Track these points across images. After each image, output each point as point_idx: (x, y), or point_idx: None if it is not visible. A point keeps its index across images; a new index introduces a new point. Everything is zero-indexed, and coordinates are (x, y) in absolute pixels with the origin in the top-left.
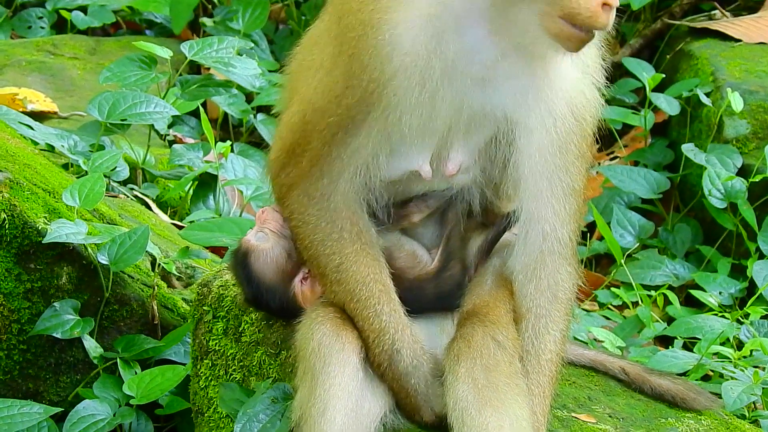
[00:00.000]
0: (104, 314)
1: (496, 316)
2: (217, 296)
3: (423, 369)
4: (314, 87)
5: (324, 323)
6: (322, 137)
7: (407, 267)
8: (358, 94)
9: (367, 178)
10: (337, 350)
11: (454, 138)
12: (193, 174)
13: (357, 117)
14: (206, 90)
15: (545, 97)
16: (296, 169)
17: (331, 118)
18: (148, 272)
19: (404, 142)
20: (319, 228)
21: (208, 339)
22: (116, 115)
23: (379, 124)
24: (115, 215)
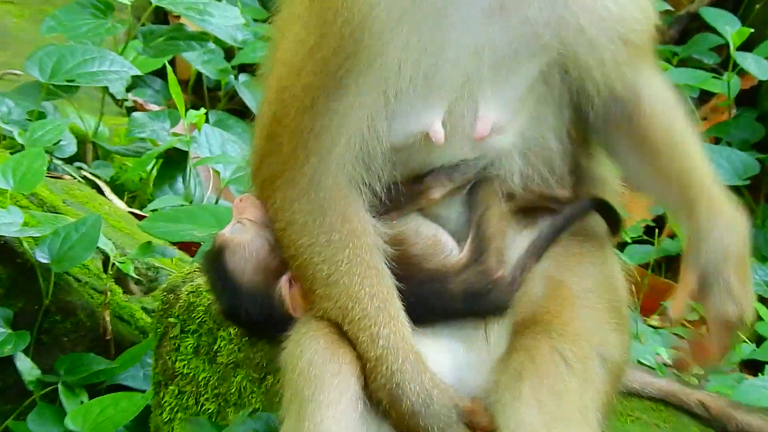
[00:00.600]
0: (43, 327)
1: (561, 326)
2: (186, 305)
3: (434, 407)
4: (290, 41)
5: (317, 339)
6: (301, 105)
7: (427, 254)
8: (333, 43)
9: (364, 152)
10: (332, 373)
11: (478, 86)
12: (157, 150)
13: (338, 73)
14: (175, 44)
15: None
16: (278, 155)
17: (307, 78)
18: (99, 274)
19: (405, 97)
20: (307, 228)
21: (174, 359)
22: (61, 74)
23: (368, 78)
24: (58, 201)
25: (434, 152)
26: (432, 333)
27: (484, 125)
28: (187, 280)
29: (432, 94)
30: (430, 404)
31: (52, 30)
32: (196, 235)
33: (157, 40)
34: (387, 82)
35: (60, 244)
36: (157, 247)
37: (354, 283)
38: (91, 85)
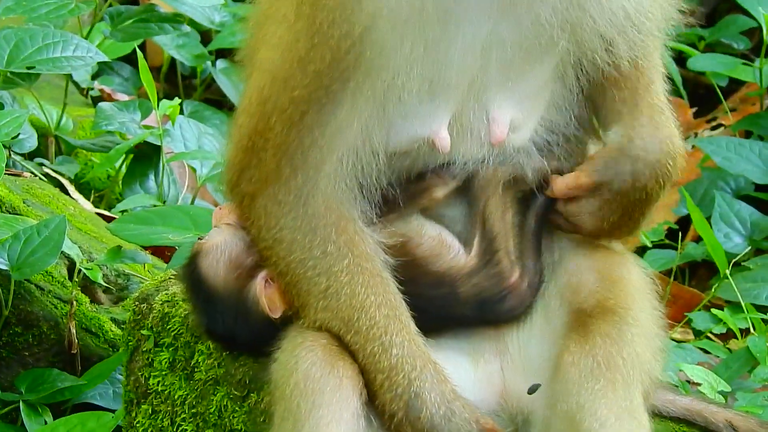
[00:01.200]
0: (2, 340)
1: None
2: (160, 316)
3: (455, 421)
4: (274, 47)
5: (314, 350)
6: (287, 119)
7: (433, 255)
8: (327, 57)
9: (358, 167)
10: (332, 387)
11: (486, 88)
12: (127, 144)
13: (331, 87)
14: (146, 27)
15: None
16: (259, 169)
17: (295, 91)
18: (64, 282)
19: (407, 103)
20: (297, 243)
21: (147, 375)
22: (20, 61)
23: (365, 92)
24: (18, 201)
25: (442, 156)
26: (436, 345)
27: (502, 126)
28: (161, 289)
29: (437, 99)
30: (452, 418)
31: (9, 11)
32: (171, 238)
33: (126, 22)
34: (386, 94)
35: (21, 249)
36: (128, 252)
37: (357, 293)
38: (53, 72)
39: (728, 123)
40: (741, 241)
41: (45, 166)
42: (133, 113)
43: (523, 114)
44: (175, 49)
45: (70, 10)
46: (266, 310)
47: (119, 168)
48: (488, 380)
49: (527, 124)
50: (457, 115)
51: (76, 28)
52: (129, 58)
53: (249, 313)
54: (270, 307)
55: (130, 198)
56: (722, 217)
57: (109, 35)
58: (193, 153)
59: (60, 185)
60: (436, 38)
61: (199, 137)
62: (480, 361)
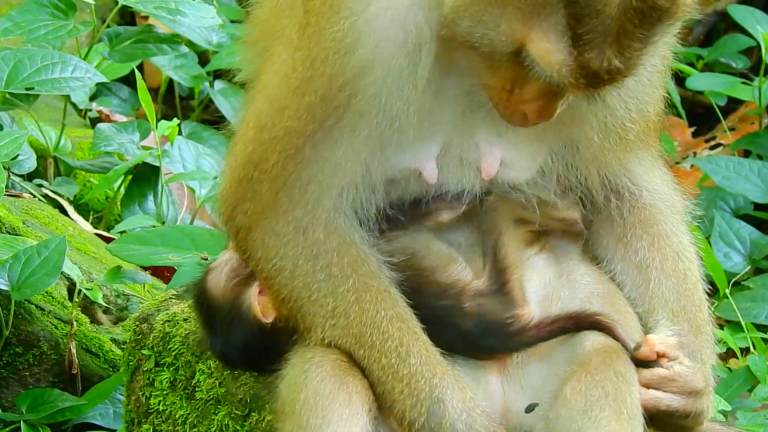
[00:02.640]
0: (3, 360)
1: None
2: (161, 335)
3: (477, 427)
4: (275, 72)
5: (323, 365)
6: (283, 150)
7: (439, 266)
8: (320, 90)
9: (357, 201)
10: (341, 403)
11: (478, 124)
12: (126, 165)
13: (326, 122)
14: (144, 48)
15: None
16: (254, 202)
17: (290, 121)
18: (64, 302)
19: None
20: (299, 270)
21: (148, 395)
22: (19, 82)
23: (362, 131)
24: (17, 222)
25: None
26: None
27: (492, 162)
28: (161, 309)
29: (426, 133)
30: (473, 425)
31: (8, 32)
32: (171, 258)
33: (124, 43)
34: (383, 134)
35: (21, 270)
36: (128, 273)
37: (366, 310)
38: (52, 93)
39: (727, 142)
40: (741, 260)
41: (44, 187)
42: (131, 134)
43: (515, 154)
44: (173, 70)
45: (68, 31)
46: (259, 315)
47: (118, 189)
48: (489, 398)
49: (522, 165)
50: (447, 148)
51: (75, 49)
52: (127, 79)
53: (243, 321)
54: (263, 312)
55: (129, 219)
56: (722, 236)
57: (108, 56)
58: (192, 174)
59: (59, 206)
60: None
61: (197, 158)
62: (481, 380)
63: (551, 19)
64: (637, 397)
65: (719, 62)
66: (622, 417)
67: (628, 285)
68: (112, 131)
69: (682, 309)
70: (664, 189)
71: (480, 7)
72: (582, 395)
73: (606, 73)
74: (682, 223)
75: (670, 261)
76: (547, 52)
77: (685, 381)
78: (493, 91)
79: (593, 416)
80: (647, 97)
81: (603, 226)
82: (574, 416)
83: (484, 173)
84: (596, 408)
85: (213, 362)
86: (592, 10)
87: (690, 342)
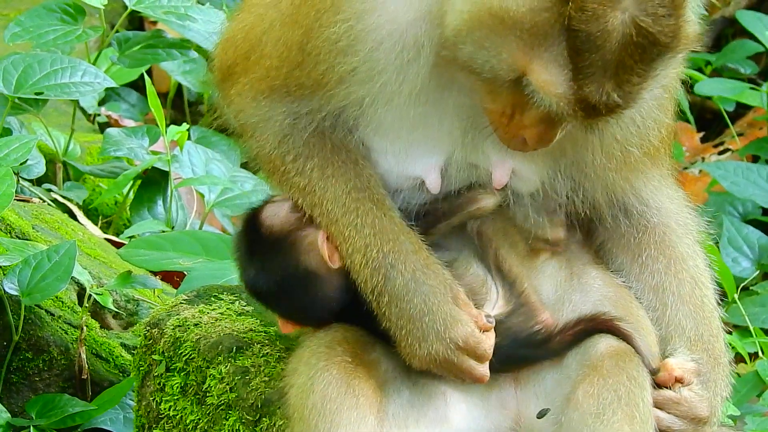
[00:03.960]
0: (13, 365)
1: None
2: (171, 340)
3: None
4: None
5: (329, 369)
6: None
7: (470, 291)
8: (312, 76)
9: None
10: (349, 406)
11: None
12: (135, 170)
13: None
14: (154, 53)
15: None
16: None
17: (277, 80)
18: (74, 307)
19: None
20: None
21: (159, 400)
22: (28, 86)
23: (348, 110)
24: (27, 227)
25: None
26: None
27: (503, 172)
28: (172, 314)
29: (426, 144)
30: (425, 281)
31: (17, 37)
32: (181, 263)
33: (134, 48)
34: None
35: (31, 274)
36: (138, 277)
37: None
38: (61, 98)
39: (735, 147)
40: (749, 265)
41: (53, 191)
42: (141, 139)
43: (527, 165)
44: (182, 75)
45: (77, 36)
46: (326, 256)
47: (127, 194)
48: (502, 404)
49: (531, 175)
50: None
51: (84, 54)
52: (135, 84)
53: (299, 260)
54: (330, 256)
55: (139, 224)
56: (730, 241)
57: (117, 61)
58: (202, 179)
59: (68, 211)
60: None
61: (206, 163)
62: (494, 386)
63: (552, 51)
64: (650, 402)
65: (727, 68)
66: (635, 421)
67: (643, 306)
68: (122, 136)
69: (699, 338)
70: (673, 208)
71: (482, 33)
72: (594, 399)
73: (604, 107)
74: (696, 244)
75: (687, 287)
76: (547, 84)
77: (690, 407)
78: (493, 115)
79: (605, 420)
80: (650, 122)
81: (617, 245)
82: (587, 420)
83: (496, 182)
84: (608, 411)
85: (224, 367)
86: (592, 45)
87: (707, 372)
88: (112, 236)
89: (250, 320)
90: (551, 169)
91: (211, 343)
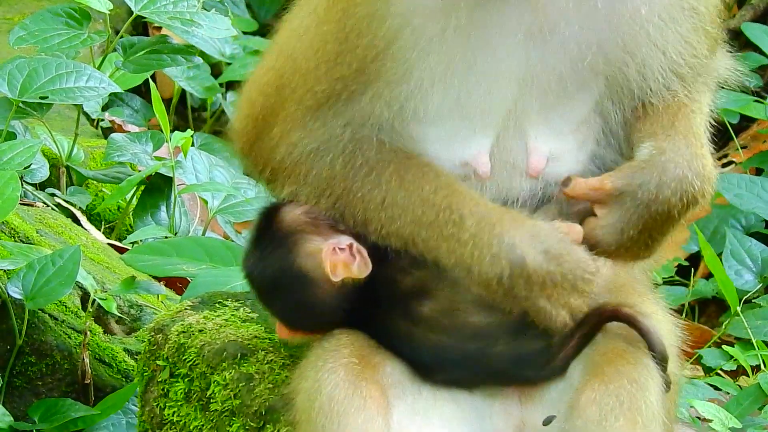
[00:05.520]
0: (16, 369)
1: None
2: (176, 346)
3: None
4: (299, 37)
5: (336, 371)
6: (303, 105)
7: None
8: (353, 65)
9: None
10: (356, 408)
11: (526, 117)
12: (140, 175)
13: (352, 88)
14: (159, 58)
15: None
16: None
17: (317, 86)
18: (78, 312)
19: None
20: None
21: (163, 406)
22: (33, 91)
23: (383, 98)
24: (31, 231)
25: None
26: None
27: (539, 157)
28: (176, 319)
29: (475, 124)
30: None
31: (22, 41)
32: (185, 269)
33: (138, 53)
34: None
35: (35, 279)
36: (142, 283)
37: (413, 191)
38: (66, 102)
39: (739, 160)
40: (752, 278)
41: (57, 196)
42: (145, 145)
43: (563, 146)
44: (186, 81)
45: (82, 41)
46: (327, 270)
47: (130, 199)
48: (506, 411)
49: (567, 156)
50: (495, 143)
51: (88, 58)
52: (139, 89)
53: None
54: (332, 270)
55: (142, 229)
56: (733, 254)
57: (121, 66)
58: (205, 185)
59: (71, 215)
60: (464, 61)
61: (210, 169)
62: (499, 392)
63: None
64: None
65: None
66: (637, 426)
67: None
68: (126, 141)
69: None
70: None
71: None
72: (596, 405)
73: None
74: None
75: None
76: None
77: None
78: None
79: (608, 426)
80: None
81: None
82: (589, 427)
83: (531, 170)
84: (611, 418)
85: (228, 374)
86: None
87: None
88: (115, 242)
89: (254, 327)
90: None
91: (215, 350)
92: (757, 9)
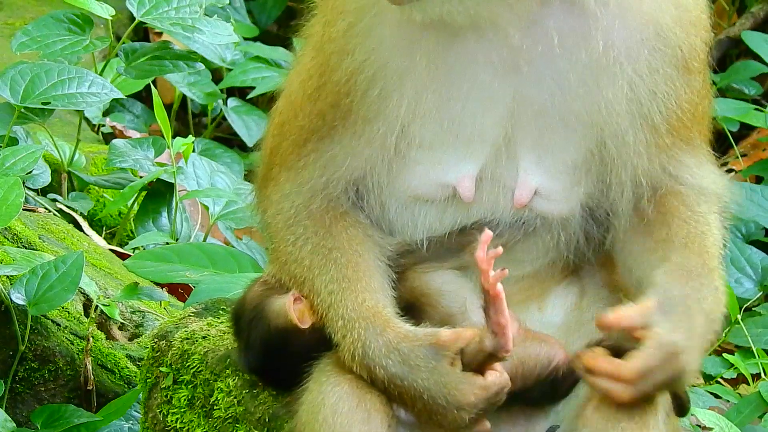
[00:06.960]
0: (19, 375)
1: None
2: (179, 353)
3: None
4: (298, 73)
5: (340, 384)
6: (294, 144)
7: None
8: (329, 99)
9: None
10: (360, 420)
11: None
12: (141, 182)
13: (333, 123)
14: (160, 64)
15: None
16: (270, 179)
17: (303, 121)
18: (80, 318)
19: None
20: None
21: (166, 413)
22: (35, 96)
23: (364, 136)
24: (34, 237)
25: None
26: None
27: (525, 191)
28: (180, 326)
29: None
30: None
31: (24, 47)
32: (188, 275)
33: (140, 59)
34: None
35: (38, 285)
36: (145, 289)
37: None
38: (68, 108)
39: (739, 168)
40: (752, 286)
41: (58, 202)
42: (146, 150)
43: (553, 184)
44: (187, 86)
45: (84, 47)
46: (294, 320)
47: (131, 205)
48: (512, 421)
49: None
50: (485, 171)
51: (90, 64)
52: (140, 95)
53: (264, 323)
54: (299, 317)
55: (143, 235)
56: (733, 262)
57: (123, 72)
58: (206, 191)
59: (73, 221)
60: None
61: (211, 175)
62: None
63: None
64: (659, 413)
65: (732, 88)
66: None
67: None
68: (128, 147)
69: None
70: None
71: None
72: (602, 415)
73: None
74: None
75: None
76: None
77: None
78: None
79: None
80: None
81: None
82: None
83: (516, 201)
84: (617, 427)
85: (232, 381)
86: None
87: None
88: (117, 247)
89: None
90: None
91: (219, 356)
92: (757, 17)
